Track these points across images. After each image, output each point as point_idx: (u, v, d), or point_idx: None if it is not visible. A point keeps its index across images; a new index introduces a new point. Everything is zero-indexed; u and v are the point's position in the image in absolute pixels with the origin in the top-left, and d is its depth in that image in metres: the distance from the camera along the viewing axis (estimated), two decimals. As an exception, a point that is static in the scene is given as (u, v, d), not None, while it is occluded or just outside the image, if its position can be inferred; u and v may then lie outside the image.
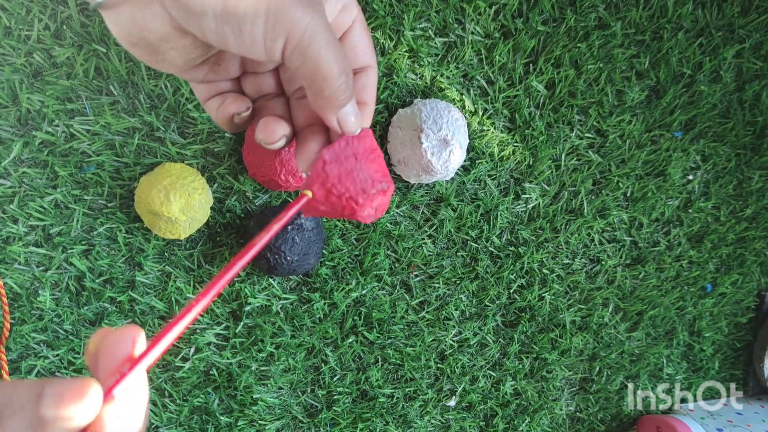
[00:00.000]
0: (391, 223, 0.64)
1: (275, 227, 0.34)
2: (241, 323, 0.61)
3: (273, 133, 0.38)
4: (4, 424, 0.21)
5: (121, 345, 0.24)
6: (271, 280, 0.62)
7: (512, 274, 0.70)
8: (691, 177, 0.74)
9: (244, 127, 0.41)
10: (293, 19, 0.30)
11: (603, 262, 0.73)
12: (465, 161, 0.64)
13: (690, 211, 0.75)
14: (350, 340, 0.66)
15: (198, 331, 0.61)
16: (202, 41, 0.33)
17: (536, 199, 0.68)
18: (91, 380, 0.22)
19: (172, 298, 0.59)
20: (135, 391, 0.24)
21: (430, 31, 0.59)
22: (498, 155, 0.65)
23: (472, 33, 0.61)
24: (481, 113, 0.63)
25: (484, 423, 0.74)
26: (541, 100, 0.65)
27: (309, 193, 0.39)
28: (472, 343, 0.71)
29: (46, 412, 0.21)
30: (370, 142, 0.40)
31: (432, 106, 0.58)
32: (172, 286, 0.59)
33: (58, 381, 0.22)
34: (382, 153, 0.42)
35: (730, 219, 0.77)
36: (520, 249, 0.69)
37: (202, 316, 0.60)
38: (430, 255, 0.66)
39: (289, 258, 0.55)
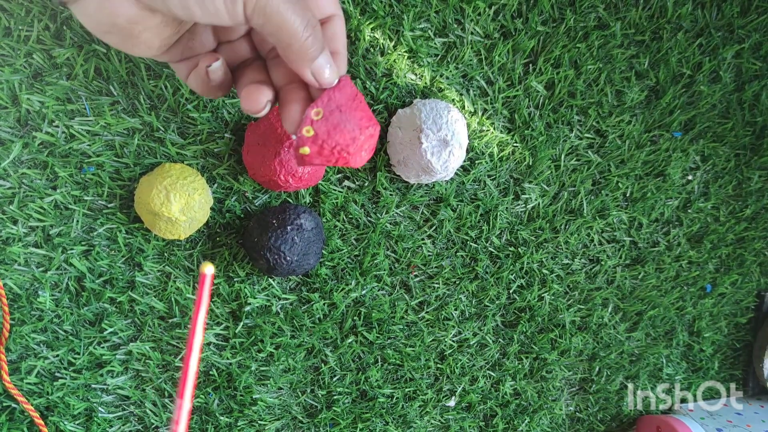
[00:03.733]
0: (390, 224, 0.64)
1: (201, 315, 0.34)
2: (241, 323, 0.61)
3: (256, 101, 0.39)
4: None
5: None
6: (270, 280, 0.62)
7: (512, 275, 0.70)
8: (690, 177, 0.74)
9: (225, 89, 0.41)
10: None
11: (602, 263, 0.73)
12: (464, 161, 0.64)
13: (689, 211, 0.75)
14: (350, 341, 0.66)
15: (198, 331, 0.61)
16: (172, 17, 0.33)
17: (536, 200, 0.68)
18: None
19: (172, 299, 0.59)
20: None
21: (429, 31, 0.59)
22: (497, 155, 0.65)
23: (472, 33, 0.61)
24: (480, 113, 0.63)
25: (483, 423, 0.74)
26: (541, 101, 0.65)
27: (306, 150, 0.40)
28: (471, 343, 0.71)
29: None
30: (350, 90, 0.40)
31: (431, 106, 0.58)
32: (171, 286, 0.59)
33: None
34: (362, 96, 0.43)
35: (729, 219, 0.77)
36: (519, 249, 0.69)
37: (201, 316, 0.61)
38: (429, 255, 0.66)
39: (288, 258, 0.55)
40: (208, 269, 0.31)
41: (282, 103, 0.41)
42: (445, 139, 0.57)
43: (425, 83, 0.61)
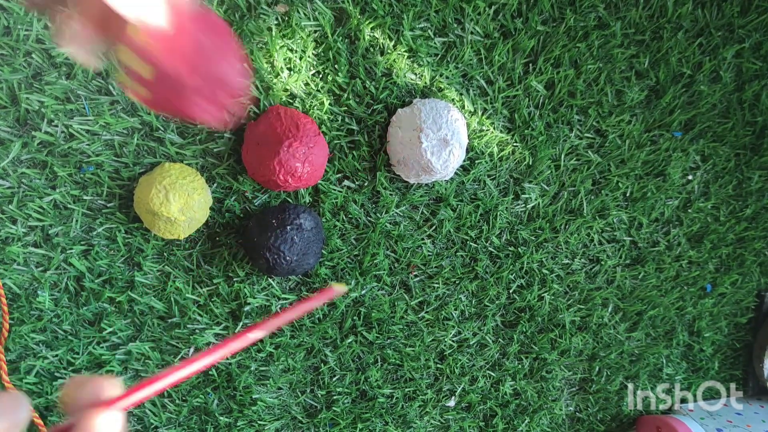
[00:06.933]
0: (390, 223, 0.64)
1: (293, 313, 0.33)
2: (241, 323, 0.61)
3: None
4: None
5: (95, 391, 0.24)
6: (270, 280, 0.62)
7: (512, 274, 0.70)
8: (690, 177, 0.74)
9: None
10: None
11: (602, 262, 0.73)
12: (464, 161, 0.64)
13: (690, 211, 0.75)
14: (349, 341, 0.66)
15: (197, 331, 0.61)
16: None
17: (536, 199, 0.68)
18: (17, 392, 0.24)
19: (171, 299, 0.59)
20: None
21: (429, 30, 0.59)
22: (497, 155, 0.65)
23: (472, 33, 0.61)
24: (480, 113, 0.63)
25: (483, 423, 0.74)
26: (541, 100, 0.65)
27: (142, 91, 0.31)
28: (471, 343, 0.71)
29: None
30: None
31: (431, 105, 0.58)
32: (171, 286, 0.59)
33: None
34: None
35: (729, 219, 0.77)
36: (519, 249, 0.69)
37: (201, 316, 0.60)
38: (429, 255, 0.66)
39: (288, 258, 0.55)
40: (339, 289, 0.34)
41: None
42: (445, 138, 0.57)
43: (425, 83, 0.61)
